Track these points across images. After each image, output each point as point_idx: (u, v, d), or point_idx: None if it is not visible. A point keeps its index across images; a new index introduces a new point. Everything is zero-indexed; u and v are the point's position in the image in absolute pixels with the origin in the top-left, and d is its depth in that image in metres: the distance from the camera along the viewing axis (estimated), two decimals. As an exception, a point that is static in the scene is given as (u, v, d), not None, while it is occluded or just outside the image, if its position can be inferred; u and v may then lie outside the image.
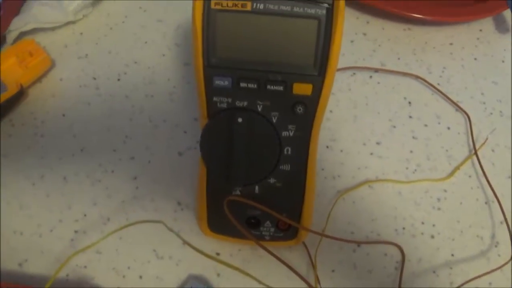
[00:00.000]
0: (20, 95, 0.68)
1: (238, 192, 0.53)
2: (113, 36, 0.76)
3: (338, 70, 0.72)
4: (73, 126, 0.67)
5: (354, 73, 0.73)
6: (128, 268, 0.58)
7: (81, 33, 0.76)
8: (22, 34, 0.74)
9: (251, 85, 0.48)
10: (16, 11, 0.75)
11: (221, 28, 0.47)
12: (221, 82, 0.48)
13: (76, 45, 0.75)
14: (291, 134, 0.50)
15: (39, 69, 0.70)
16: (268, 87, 0.48)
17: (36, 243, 0.60)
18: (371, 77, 0.73)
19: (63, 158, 0.65)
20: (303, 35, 0.47)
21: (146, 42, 0.75)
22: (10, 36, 0.73)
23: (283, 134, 0.50)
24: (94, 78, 0.72)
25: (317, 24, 0.46)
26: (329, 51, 0.47)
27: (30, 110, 0.69)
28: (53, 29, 0.76)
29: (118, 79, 0.71)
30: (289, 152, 0.51)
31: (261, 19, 0.46)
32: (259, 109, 0.49)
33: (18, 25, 0.73)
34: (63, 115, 0.68)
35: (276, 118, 0.49)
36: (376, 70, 0.73)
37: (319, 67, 0.47)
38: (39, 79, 0.71)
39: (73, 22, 0.77)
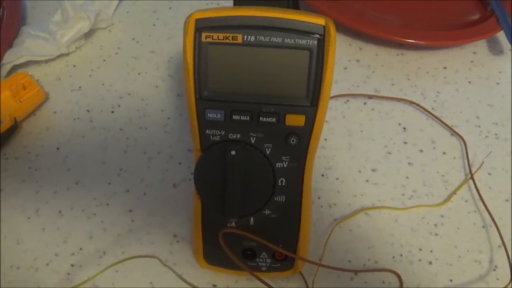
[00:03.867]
0: (14, 128, 0.68)
1: (233, 224, 0.53)
2: (107, 68, 0.77)
3: (332, 97, 0.72)
4: (67, 159, 0.67)
5: (348, 100, 0.73)
6: (125, 301, 0.58)
7: (74, 66, 0.77)
8: (15, 67, 0.75)
9: (243, 118, 0.48)
10: (9, 44, 0.75)
11: (213, 61, 0.47)
12: (214, 115, 0.48)
13: (70, 77, 0.75)
14: (285, 165, 0.50)
15: (33, 103, 0.71)
16: (261, 119, 0.48)
17: (32, 278, 0.59)
18: (365, 103, 0.73)
19: (58, 192, 0.65)
20: (295, 66, 0.47)
21: (139, 74, 0.76)
22: (4, 70, 0.73)
23: (277, 166, 0.50)
24: (88, 111, 0.72)
25: (309, 55, 0.46)
26: (321, 81, 0.46)
27: (24, 144, 0.69)
28: (46, 61, 0.77)
29: (112, 111, 0.72)
30: (284, 183, 0.51)
31: (253, 51, 0.46)
32: (252, 141, 0.49)
33: (11, 58, 0.73)
34: (57, 148, 0.68)
35: (269, 149, 0.49)
36: (370, 97, 0.73)
37: (311, 97, 0.47)
38: (33, 112, 0.71)
39: (66, 55, 0.78)
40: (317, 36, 0.46)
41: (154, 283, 0.59)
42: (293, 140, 0.49)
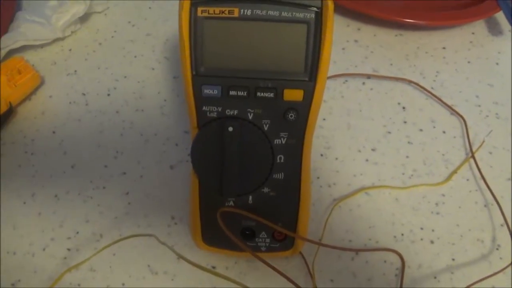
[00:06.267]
0: (9, 113, 0.68)
1: (231, 203, 0.53)
2: (102, 51, 0.76)
3: (330, 77, 0.71)
4: (63, 143, 0.67)
5: (346, 80, 0.73)
6: (123, 284, 0.57)
7: (70, 50, 0.76)
8: (11, 52, 0.74)
9: (241, 93, 0.47)
10: (5, 29, 0.75)
11: (209, 36, 0.46)
12: (210, 91, 0.47)
13: (65, 61, 0.75)
14: (284, 141, 0.49)
15: (28, 87, 0.70)
16: (258, 94, 0.47)
17: (28, 263, 0.59)
18: (363, 83, 0.72)
19: (54, 176, 0.65)
20: (293, 40, 0.46)
21: (135, 57, 0.75)
22: (-1, 55, 0.73)
23: (275, 142, 0.49)
24: (84, 94, 0.71)
25: (306, 28, 0.45)
26: (319, 55, 0.46)
27: (19, 129, 0.68)
28: (42, 46, 0.77)
29: (108, 94, 0.71)
30: (282, 160, 0.50)
31: (249, 26, 0.46)
32: (250, 117, 0.48)
33: (6, 43, 0.73)
34: (53, 132, 0.68)
35: (267, 125, 0.49)
36: (369, 77, 0.73)
37: (309, 72, 0.47)
38: (28, 97, 0.71)
39: (61, 39, 0.77)
40: (315, 9, 0.45)
41: (152, 266, 0.58)
42: (291, 116, 0.48)
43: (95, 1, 0.79)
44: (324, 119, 0.68)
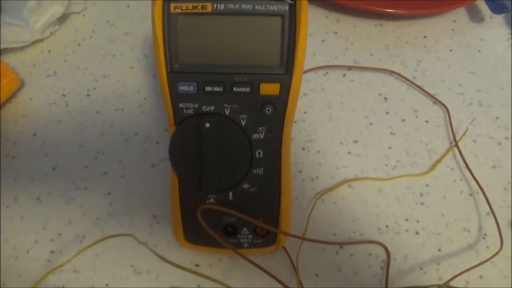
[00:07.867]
0: (-11, 117, 0.67)
1: (212, 200, 0.52)
2: (81, 52, 0.76)
3: (311, 70, 0.71)
4: (44, 145, 0.67)
5: (327, 73, 0.72)
6: (107, 285, 0.57)
7: (49, 51, 0.76)
8: (-10, 56, 0.73)
9: (216, 89, 0.47)
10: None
11: (182, 32, 0.46)
12: (186, 87, 0.47)
13: (45, 63, 0.75)
14: (262, 136, 0.49)
15: (8, 90, 0.70)
16: (235, 89, 0.47)
17: (12, 266, 0.59)
18: (344, 75, 0.72)
19: (36, 178, 0.64)
20: (267, 33, 0.46)
21: (114, 56, 0.75)
22: (-22, 58, 0.72)
23: (253, 137, 0.49)
24: (64, 95, 0.71)
25: (281, 21, 0.45)
26: (294, 48, 0.46)
27: (1, 132, 0.68)
28: (21, 49, 0.77)
29: (88, 95, 0.71)
30: (261, 155, 0.50)
31: (223, 20, 0.46)
32: (227, 113, 0.48)
33: (-15, 46, 0.72)
34: (34, 134, 0.68)
35: (245, 120, 0.48)
36: (349, 68, 0.72)
37: (285, 65, 0.46)
38: (9, 100, 0.71)
39: (41, 40, 0.77)
40: (288, 1, 0.45)
41: (135, 265, 0.58)
42: (268, 110, 0.48)
43: (73, 1, 0.79)
44: (305, 112, 0.68)
